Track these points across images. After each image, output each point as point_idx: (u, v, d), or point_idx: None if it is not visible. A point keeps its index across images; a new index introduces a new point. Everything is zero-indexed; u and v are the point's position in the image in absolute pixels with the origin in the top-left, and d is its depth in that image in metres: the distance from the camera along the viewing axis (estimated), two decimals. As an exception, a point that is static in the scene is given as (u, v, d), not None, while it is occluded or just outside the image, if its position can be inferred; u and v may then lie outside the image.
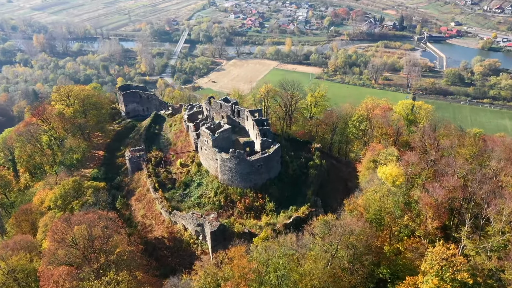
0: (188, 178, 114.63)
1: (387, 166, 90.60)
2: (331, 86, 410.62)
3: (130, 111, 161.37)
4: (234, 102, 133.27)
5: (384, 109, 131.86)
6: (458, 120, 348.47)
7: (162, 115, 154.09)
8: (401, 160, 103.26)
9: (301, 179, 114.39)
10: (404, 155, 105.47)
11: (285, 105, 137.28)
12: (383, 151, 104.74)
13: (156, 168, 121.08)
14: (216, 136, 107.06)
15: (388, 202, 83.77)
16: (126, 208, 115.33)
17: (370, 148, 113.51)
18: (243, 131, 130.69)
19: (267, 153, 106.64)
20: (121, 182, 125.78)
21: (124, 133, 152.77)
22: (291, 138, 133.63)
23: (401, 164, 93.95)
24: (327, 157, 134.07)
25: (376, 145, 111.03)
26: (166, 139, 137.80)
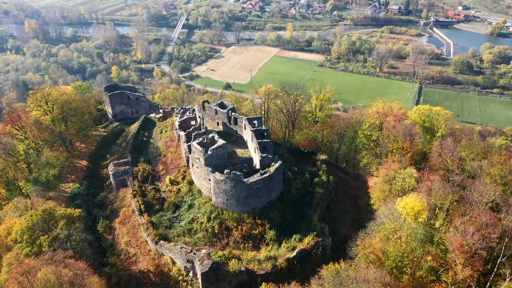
0: (178, 199, 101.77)
1: (408, 198, 77.18)
2: (334, 75, 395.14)
3: (118, 114, 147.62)
4: (231, 108, 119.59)
5: (398, 117, 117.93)
6: (467, 111, 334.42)
7: (152, 119, 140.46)
8: (421, 181, 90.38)
9: (305, 200, 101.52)
10: (423, 175, 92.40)
11: (288, 111, 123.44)
12: (400, 172, 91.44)
13: (143, 185, 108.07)
14: (209, 154, 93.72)
15: (412, 245, 70.85)
16: (109, 232, 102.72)
17: (384, 166, 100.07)
18: (240, 140, 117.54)
19: (268, 172, 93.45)
20: (105, 199, 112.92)
21: (110, 139, 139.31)
22: (294, 148, 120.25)
23: (422, 192, 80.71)
24: (334, 169, 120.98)
25: (392, 164, 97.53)
26: (155, 149, 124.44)
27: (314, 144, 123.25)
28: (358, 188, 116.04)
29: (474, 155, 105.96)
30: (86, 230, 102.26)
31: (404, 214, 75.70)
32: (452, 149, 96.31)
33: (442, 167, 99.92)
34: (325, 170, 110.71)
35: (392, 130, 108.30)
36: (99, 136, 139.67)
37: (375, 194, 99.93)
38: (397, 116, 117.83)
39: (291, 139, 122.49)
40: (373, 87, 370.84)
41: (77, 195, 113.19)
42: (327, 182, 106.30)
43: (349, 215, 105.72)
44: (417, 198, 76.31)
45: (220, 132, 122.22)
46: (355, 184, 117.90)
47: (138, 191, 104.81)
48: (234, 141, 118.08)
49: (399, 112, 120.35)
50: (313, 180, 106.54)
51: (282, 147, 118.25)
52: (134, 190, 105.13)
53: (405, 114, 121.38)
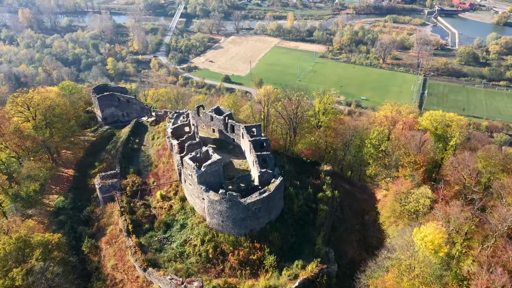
0: (170, 217, 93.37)
1: (427, 229, 68.52)
2: (336, 66, 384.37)
3: (108, 117, 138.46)
4: (227, 114, 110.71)
5: (408, 124, 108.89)
6: (472, 104, 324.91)
7: (144, 123, 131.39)
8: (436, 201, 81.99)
9: (308, 219, 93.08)
10: (438, 195, 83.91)
11: (289, 118, 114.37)
12: (413, 191, 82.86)
13: (132, 201, 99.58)
14: (203, 171, 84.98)
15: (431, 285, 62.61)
16: (95, 252, 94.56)
17: (395, 183, 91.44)
18: (238, 149, 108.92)
19: (267, 191, 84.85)
20: (92, 214, 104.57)
21: (99, 144, 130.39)
22: (296, 158, 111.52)
23: (439, 219, 72.21)
24: (339, 180, 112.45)
25: (404, 181, 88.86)
26: (146, 157, 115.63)
27: (317, 152, 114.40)
28: (365, 202, 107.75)
29: (491, 167, 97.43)
30: (70, 251, 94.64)
31: (422, 248, 67.19)
32: (470, 164, 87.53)
33: (457, 182, 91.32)
34: (330, 183, 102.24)
35: (402, 141, 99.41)
36: (87, 141, 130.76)
37: (385, 214, 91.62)
38: (407, 123, 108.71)
39: (293, 148, 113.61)
40: (376, 79, 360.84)
41: (61, 210, 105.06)
42: (331, 197, 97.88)
43: (355, 234, 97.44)
44: (436, 229, 67.69)
45: (216, 140, 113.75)
46: (362, 197, 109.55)
47: (126, 208, 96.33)
48: (231, 151, 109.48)
49: (409, 119, 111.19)
50: (317, 195, 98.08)
51: (282, 156, 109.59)
52: (122, 206, 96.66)
53: (416, 120, 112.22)
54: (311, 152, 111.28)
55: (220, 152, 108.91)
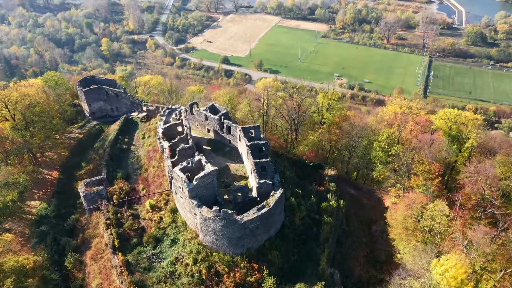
0: (160, 231, 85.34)
1: (447, 261, 60.40)
2: (339, 47, 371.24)
3: (96, 111, 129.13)
4: (223, 113, 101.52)
5: (421, 124, 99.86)
6: (479, 87, 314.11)
7: (134, 119, 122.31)
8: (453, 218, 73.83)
9: (311, 233, 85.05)
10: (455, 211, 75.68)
11: (290, 118, 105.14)
12: (428, 208, 74.56)
13: (119, 211, 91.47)
14: (195, 185, 76.45)
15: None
16: (79, 268, 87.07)
17: (408, 196, 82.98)
18: (235, 152, 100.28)
19: (266, 207, 76.56)
20: (77, 222, 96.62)
21: (87, 142, 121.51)
22: (297, 161, 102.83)
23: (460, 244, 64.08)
24: (344, 184, 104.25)
25: (418, 195, 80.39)
26: (136, 159, 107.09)
27: (320, 155, 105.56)
28: (372, 209, 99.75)
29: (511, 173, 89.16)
30: (52, 266, 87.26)
31: (443, 284, 59.22)
32: (491, 175, 79.00)
33: (475, 193, 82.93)
34: (334, 191, 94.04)
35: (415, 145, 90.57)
36: (73, 139, 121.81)
37: (396, 230, 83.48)
38: (420, 123, 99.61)
39: (294, 150, 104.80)
40: (380, 60, 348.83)
41: (43, 219, 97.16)
42: (337, 207, 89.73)
43: (362, 248, 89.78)
44: (458, 261, 59.61)
45: (211, 141, 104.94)
46: (369, 203, 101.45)
47: (113, 220, 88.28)
48: (228, 153, 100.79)
49: (421, 119, 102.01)
50: (320, 204, 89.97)
51: (283, 160, 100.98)
52: (108, 218, 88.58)
53: (428, 119, 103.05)
54: (314, 154, 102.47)
55: (215, 155, 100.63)
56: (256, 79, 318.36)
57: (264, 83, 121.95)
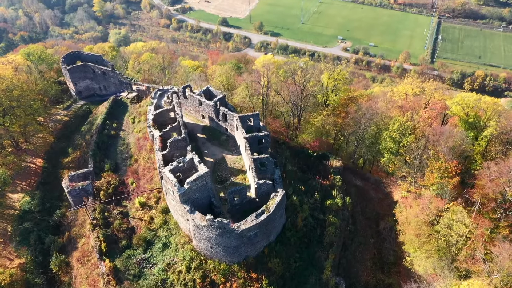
0: (151, 233, 78.60)
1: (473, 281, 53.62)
2: (343, 7, 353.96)
3: (83, 90, 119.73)
4: (219, 98, 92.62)
5: (437, 111, 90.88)
6: (489, 51, 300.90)
7: (123, 100, 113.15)
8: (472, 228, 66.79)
9: (315, 234, 78.30)
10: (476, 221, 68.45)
11: (293, 104, 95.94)
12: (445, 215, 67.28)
13: (106, 208, 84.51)
14: (186, 189, 68.80)
15: None
16: (65, 270, 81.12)
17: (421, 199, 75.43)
18: (232, 141, 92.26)
19: (265, 212, 69.36)
20: (62, 218, 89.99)
21: (73, 125, 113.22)
22: (300, 151, 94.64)
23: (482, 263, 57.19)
24: (350, 175, 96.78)
25: (434, 198, 72.76)
26: (125, 147, 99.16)
27: (325, 143, 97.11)
28: (379, 203, 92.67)
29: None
30: (36, 269, 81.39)
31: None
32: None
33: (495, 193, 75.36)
34: (340, 185, 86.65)
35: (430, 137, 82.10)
36: (59, 122, 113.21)
37: (408, 236, 76.59)
38: (435, 110, 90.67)
39: (296, 138, 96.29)
40: (386, 22, 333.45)
41: (27, 214, 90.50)
42: (342, 205, 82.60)
43: (369, 250, 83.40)
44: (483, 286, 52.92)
45: (206, 128, 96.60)
46: (376, 196, 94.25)
47: (100, 219, 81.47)
48: (224, 143, 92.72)
49: (436, 104, 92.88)
50: (325, 202, 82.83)
51: (284, 150, 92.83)
52: (94, 218, 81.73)
53: (444, 105, 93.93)
54: (319, 144, 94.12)
55: (211, 145, 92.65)
56: (256, 42, 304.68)
57: (264, 61, 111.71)
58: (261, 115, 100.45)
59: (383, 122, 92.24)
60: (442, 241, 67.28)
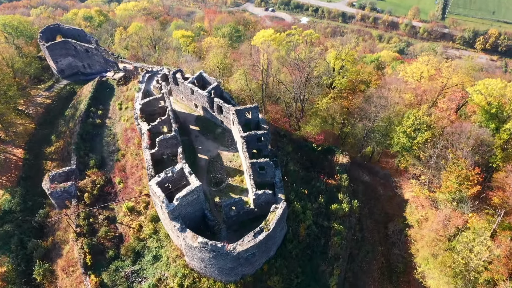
0: (140, 244, 72.09)
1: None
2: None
3: (65, 68, 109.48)
4: (214, 87, 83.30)
5: (456, 102, 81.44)
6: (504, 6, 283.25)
7: (109, 81, 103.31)
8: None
9: (318, 245, 71.78)
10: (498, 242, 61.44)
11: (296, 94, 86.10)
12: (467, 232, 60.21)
13: (91, 213, 77.58)
14: (175, 205, 61.31)
15: None
16: (50, 279, 75.43)
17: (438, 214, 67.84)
18: (228, 135, 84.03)
19: (264, 230, 62.40)
20: (46, 218, 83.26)
21: (56, 108, 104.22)
22: (303, 145, 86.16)
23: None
24: (358, 170, 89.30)
25: (453, 213, 65.15)
26: (112, 138, 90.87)
27: (331, 134, 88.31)
28: (389, 202, 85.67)
29: None
30: (18, 278, 75.72)
31: None
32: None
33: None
34: (346, 186, 79.18)
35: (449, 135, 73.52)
36: (40, 105, 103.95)
37: (421, 252, 69.79)
38: (454, 99, 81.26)
39: (299, 131, 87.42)
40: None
41: (8, 214, 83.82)
42: (349, 211, 75.48)
43: (377, 258, 77.21)
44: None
45: (199, 119, 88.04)
46: (385, 193, 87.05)
47: (84, 227, 74.81)
48: (220, 136, 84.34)
49: (456, 94, 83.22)
50: (329, 206, 75.70)
51: (286, 144, 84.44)
52: (78, 225, 74.98)
53: (463, 93, 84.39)
54: (324, 136, 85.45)
55: (205, 139, 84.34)
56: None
57: (263, 37, 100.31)
58: (261, 104, 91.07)
59: (395, 114, 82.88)
60: (461, 263, 60.79)
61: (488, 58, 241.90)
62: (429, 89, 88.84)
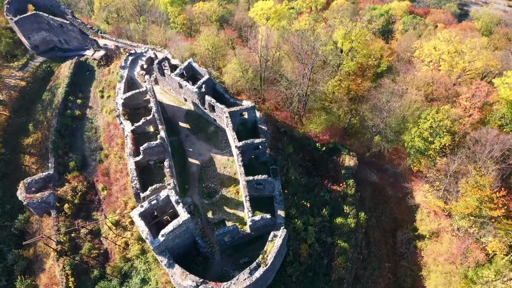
0: (127, 264, 66.16)
1: None
2: None
3: (39, 44, 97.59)
4: (205, 81, 73.24)
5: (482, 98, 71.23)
6: None
7: (89, 61, 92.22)
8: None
9: (321, 265, 65.79)
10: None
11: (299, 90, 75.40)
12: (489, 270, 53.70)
13: (73, 227, 70.79)
14: (161, 241, 54.24)
15: None
16: (34, 294, 70.86)
17: (455, 244, 60.67)
18: (222, 135, 75.56)
19: (262, 265, 56.03)
20: (26, 225, 76.84)
21: (33, 91, 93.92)
22: (306, 143, 77.18)
23: None
24: (365, 169, 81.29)
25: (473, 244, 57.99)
26: (94, 132, 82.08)
27: (337, 131, 78.79)
28: (398, 204, 78.68)
29: None
30: (0, 294, 71.04)
31: None
32: None
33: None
34: (353, 194, 71.80)
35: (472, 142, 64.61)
36: (14, 88, 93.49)
37: (433, 280, 63.60)
38: (478, 97, 71.17)
39: (303, 127, 77.87)
40: None
41: (-17, 220, 77.36)
42: (356, 226, 68.67)
43: (384, 275, 71.46)
44: None
45: (189, 115, 79.01)
46: (394, 195, 79.70)
47: (65, 242, 68.47)
48: (212, 136, 75.66)
49: (481, 89, 72.77)
50: (334, 219, 68.85)
51: (287, 144, 75.65)
52: (59, 243, 68.57)
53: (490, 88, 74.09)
54: (329, 135, 76.22)
55: (196, 139, 75.86)
56: None
57: (261, 9, 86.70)
58: (259, 90, 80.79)
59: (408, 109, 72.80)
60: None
61: (505, 3, 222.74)
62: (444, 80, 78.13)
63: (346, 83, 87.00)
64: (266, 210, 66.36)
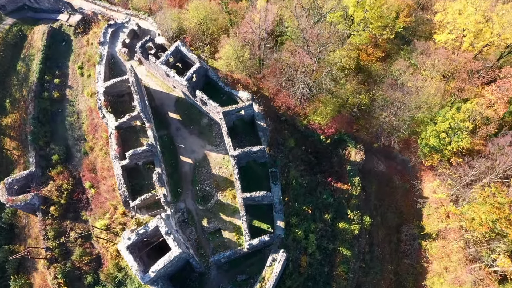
0: (121, 272, 63.76)
1: None
2: None
3: (6, 3, 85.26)
4: (196, 70, 64.76)
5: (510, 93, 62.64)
6: None
7: (64, 29, 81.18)
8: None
9: (322, 274, 63.33)
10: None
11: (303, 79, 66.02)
12: None
13: (61, 228, 67.27)
14: (151, 277, 50.71)
15: None
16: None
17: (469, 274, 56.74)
18: (216, 129, 69.10)
19: (260, 294, 53.45)
20: (14, 219, 73.23)
21: (5, 61, 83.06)
22: (308, 134, 70.03)
23: None
24: (373, 158, 75.24)
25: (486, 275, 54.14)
26: (76, 117, 74.74)
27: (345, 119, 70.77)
28: (405, 197, 74.03)
29: None
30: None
31: None
32: None
33: None
34: (358, 195, 67.00)
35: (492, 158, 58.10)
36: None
37: None
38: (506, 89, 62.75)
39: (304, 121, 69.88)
40: None
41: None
42: (360, 231, 64.95)
43: (386, 276, 69.15)
44: None
45: (179, 103, 72.14)
46: (402, 185, 74.59)
47: (55, 248, 65.49)
48: (206, 130, 69.14)
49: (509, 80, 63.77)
50: (336, 223, 65.04)
51: (288, 137, 68.72)
52: (48, 249, 65.49)
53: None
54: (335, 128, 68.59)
55: (188, 133, 69.52)
56: None
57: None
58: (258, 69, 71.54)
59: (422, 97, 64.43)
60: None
61: None
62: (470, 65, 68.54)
63: (355, 53, 77.50)
64: (264, 218, 62.48)
